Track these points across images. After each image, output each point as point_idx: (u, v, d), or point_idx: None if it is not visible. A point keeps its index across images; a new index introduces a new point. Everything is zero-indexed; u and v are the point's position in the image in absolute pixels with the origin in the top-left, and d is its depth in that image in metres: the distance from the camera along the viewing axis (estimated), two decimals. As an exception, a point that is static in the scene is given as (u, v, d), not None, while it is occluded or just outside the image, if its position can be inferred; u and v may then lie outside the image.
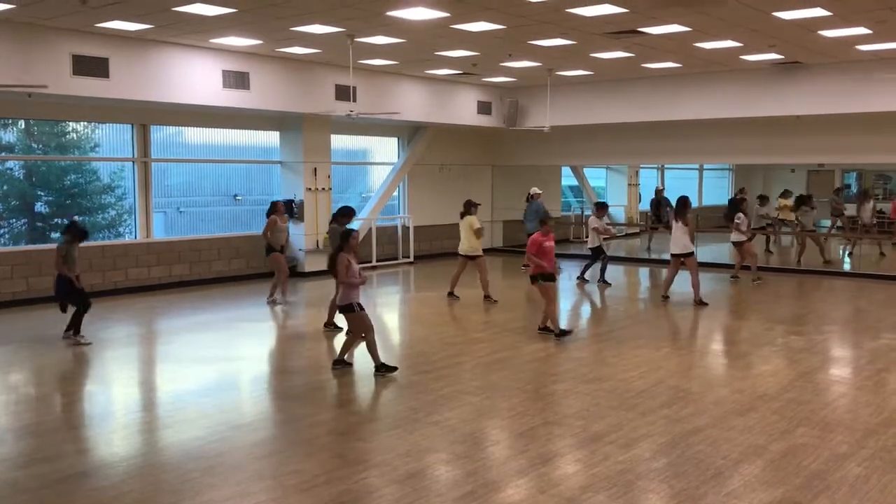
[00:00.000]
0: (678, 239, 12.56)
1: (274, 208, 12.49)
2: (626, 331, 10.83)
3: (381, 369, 8.22)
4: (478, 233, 12.51)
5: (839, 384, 8.16)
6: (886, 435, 6.37)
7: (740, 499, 5.14)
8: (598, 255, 14.64)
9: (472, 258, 12.66)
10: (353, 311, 8.24)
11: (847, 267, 18.26)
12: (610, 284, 14.56)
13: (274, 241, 12.40)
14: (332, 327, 10.39)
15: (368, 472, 5.62)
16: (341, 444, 6.29)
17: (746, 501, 5.10)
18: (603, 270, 14.72)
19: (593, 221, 14.69)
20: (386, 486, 5.38)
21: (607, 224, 14.85)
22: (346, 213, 10.66)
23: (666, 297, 12.80)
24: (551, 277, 10.02)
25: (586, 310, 13.08)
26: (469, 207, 12.77)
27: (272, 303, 12.38)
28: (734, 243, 14.97)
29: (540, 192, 16.43)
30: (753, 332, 10.53)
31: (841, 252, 19.58)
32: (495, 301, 12.44)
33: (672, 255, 12.76)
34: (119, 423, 6.96)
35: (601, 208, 15.10)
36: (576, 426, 6.64)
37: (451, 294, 12.84)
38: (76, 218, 12.81)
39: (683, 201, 12.84)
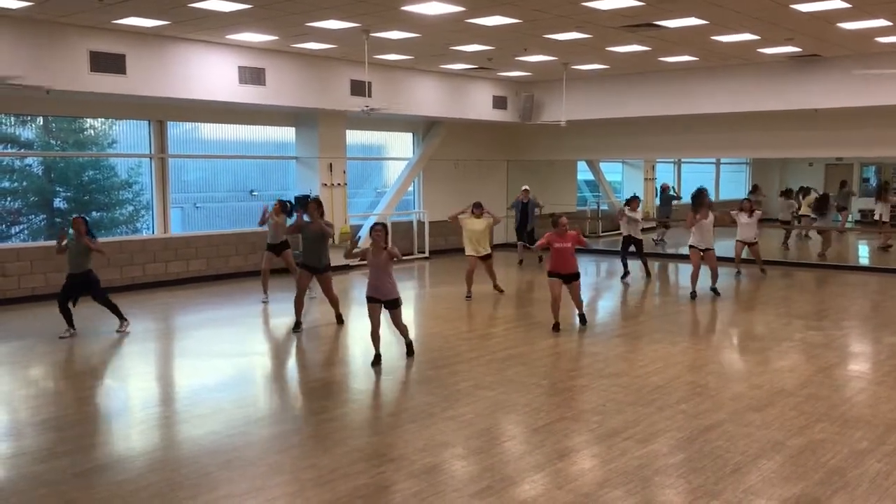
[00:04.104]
0: (698, 233, 12.67)
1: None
2: (643, 326, 10.79)
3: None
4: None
5: (858, 379, 8.09)
6: (907, 431, 6.31)
7: (759, 494, 5.11)
8: (628, 244, 14.63)
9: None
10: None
11: (865, 261, 18.14)
12: (648, 276, 14.59)
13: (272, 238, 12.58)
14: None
15: (385, 467, 5.63)
16: (358, 439, 6.30)
17: (765, 497, 5.07)
18: (644, 262, 14.68)
19: (629, 212, 14.61)
20: (403, 480, 5.39)
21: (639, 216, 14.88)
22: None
23: (716, 292, 12.76)
24: (556, 275, 10.09)
25: (602, 305, 13.04)
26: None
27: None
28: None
29: (527, 188, 16.63)
30: (771, 328, 10.46)
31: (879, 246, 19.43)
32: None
33: (692, 248, 12.85)
34: (137, 418, 7.01)
35: (634, 200, 14.95)
36: (592, 421, 6.62)
37: (496, 287, 12.80)
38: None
39: (698, 196, 12.94)
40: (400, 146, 18.69)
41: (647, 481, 5.35)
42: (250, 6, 10.13)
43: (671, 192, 20.95)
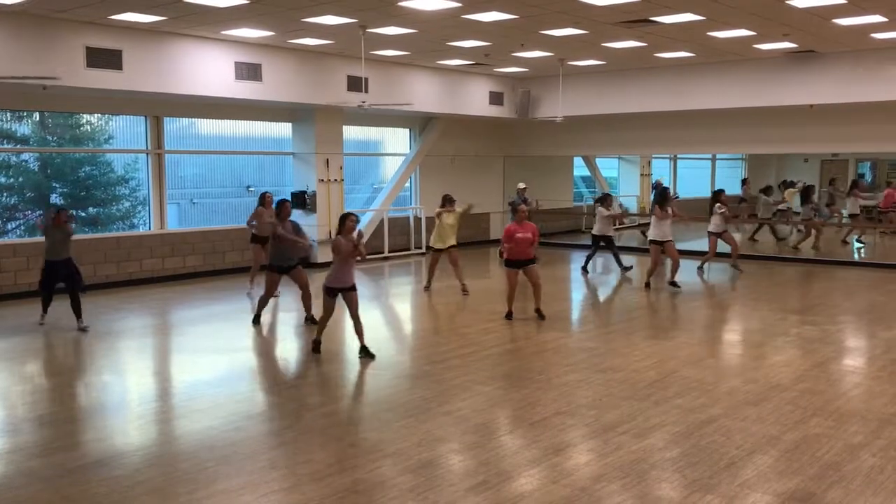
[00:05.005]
0: (659, 227, 13.07)
1: (262, 200, 12.54)
2: (638, 321, 10.82)
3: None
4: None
5: (853, 374, 8.12)
6: (901, 425, 6.34)
7: (754, 489, 5.14)
8: (596, 243, 14.73)
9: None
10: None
11: (856, 256, 18.18)
12: (630, 268, 14.60)
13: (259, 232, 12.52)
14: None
15: (381, 462, 5.64)
16: (354, 434, 6.31)
17: (760, 491, 5.09)
18: (617, 260, 14.73)
19: (603, 212, 14.68)
20: (399, 475, 5.40)
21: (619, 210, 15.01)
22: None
23: (650, 286, 13.05)
24: (514, 264, 10.40)
25: (597, 300, 13.06)
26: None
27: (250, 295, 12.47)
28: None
29: (524, 185, 16.65)
30: (766, 323, 10.49)
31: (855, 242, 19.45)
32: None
33: (653, 242, 13.20)
34: (134, 413, 7.02)
35: (607, 198, 15.14)
36: (588, 416, 6.64)
37: (463, 288, 12.80)
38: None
39: (664, 192, 13.49)
40: (397, 142, 18.68)
41: (643, 475, 5.37)
42: (247, 1, 10.11)
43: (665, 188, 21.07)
